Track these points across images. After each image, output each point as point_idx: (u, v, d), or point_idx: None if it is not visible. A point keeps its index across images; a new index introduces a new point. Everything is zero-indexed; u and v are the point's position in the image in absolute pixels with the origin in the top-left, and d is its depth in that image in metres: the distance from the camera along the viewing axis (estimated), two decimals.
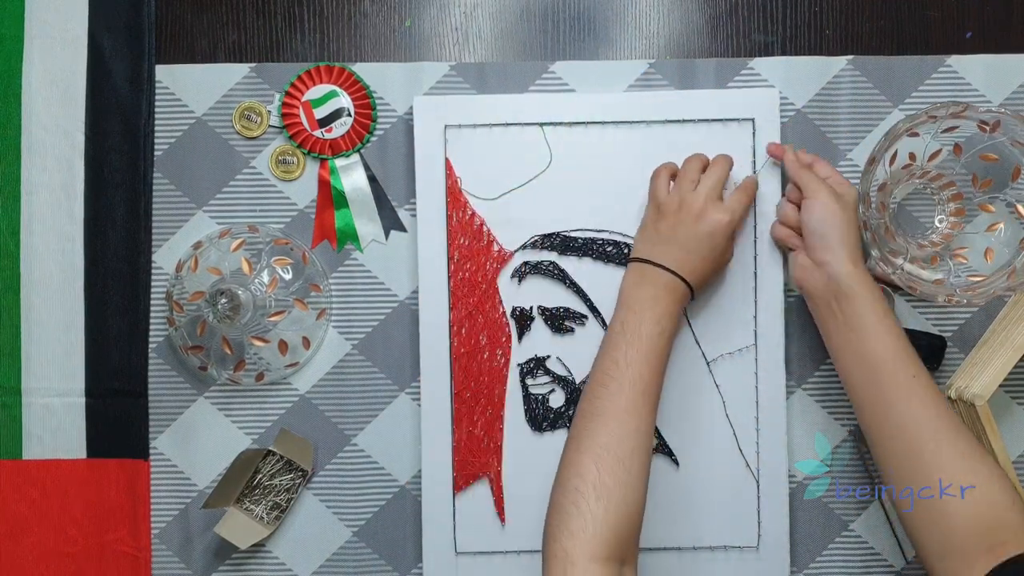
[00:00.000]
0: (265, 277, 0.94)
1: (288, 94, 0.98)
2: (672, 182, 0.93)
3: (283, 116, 0.98)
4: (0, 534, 0.98)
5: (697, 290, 0.91)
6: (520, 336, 0.97)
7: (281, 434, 0.97)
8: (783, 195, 0.96)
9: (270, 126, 0.99)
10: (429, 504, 0.96)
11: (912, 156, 0.94)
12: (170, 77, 0.99)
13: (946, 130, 0.92)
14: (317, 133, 0.98)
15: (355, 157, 0.99)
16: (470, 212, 0.97)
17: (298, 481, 0.97)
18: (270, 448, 0.98)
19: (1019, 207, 0.94)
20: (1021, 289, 0.91)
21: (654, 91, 0.98)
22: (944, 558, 0.79)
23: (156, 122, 0.99)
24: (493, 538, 0.96)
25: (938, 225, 0.97)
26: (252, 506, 0.98)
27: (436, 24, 1.00)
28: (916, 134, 0.91)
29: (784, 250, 0.96)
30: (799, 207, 0.91)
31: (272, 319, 0.94)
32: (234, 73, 0.99)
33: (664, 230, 0.90)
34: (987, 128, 0.91)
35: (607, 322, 0.96)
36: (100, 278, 0.98)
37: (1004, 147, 0.93)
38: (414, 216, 0.98)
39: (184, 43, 1.00)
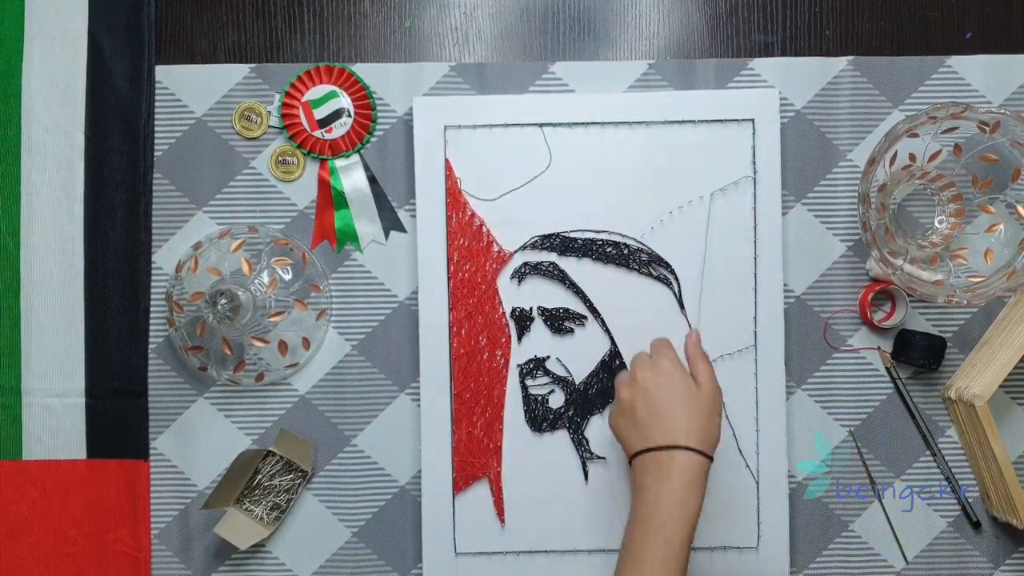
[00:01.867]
0: (265, 278, 0.94)
1: (288, 94, 0.98)
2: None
3: (283, 117, 0.98)
4: (0, 534, 0.98)
5: (709, 450, 0.83)
6: (520, 337, 0.97)
7: (281, 435, 0.97)
8: (781, 195, 0.96)
9: (270, 126, 0.99)
10: (429, 505, 0.96)
11: (912, 157, 0.94)
12: (170, 77, 0.99)
13: (946, 131, 0.92)
14: (317, 134, 0.98)
15: (355, 157, 0.99)
16: (470, 213, 0.96)
17: (298, 482, 0.97)
18: (270, 449, 0.98)
19: (1019, 208, 0.94)
20: (1021, 290, 0.91)
21: (654, 92, 0.98)
22: None
23: (156, 122, 0.99)
24: (493, 539, 0.96)
25: (938, 226, 0.97)
26: (252, 506, 0.98)
27: (436, 24, 1.00)
28: (916, 135, 0.91)
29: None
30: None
31: (272, 320, 0.94)
32: (234, 73, 0.99)
33: (637, 408, 0.84)
34: (987, 129, 0.91)
35: (607, 322, 0.96)
36: (100, 278, 0.98)
37: (1004, 148, 0.93)
38: (414, 217, 0.98)
39: (184, 43, 1.00)
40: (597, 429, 0.97)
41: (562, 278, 0.97)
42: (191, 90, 0.99)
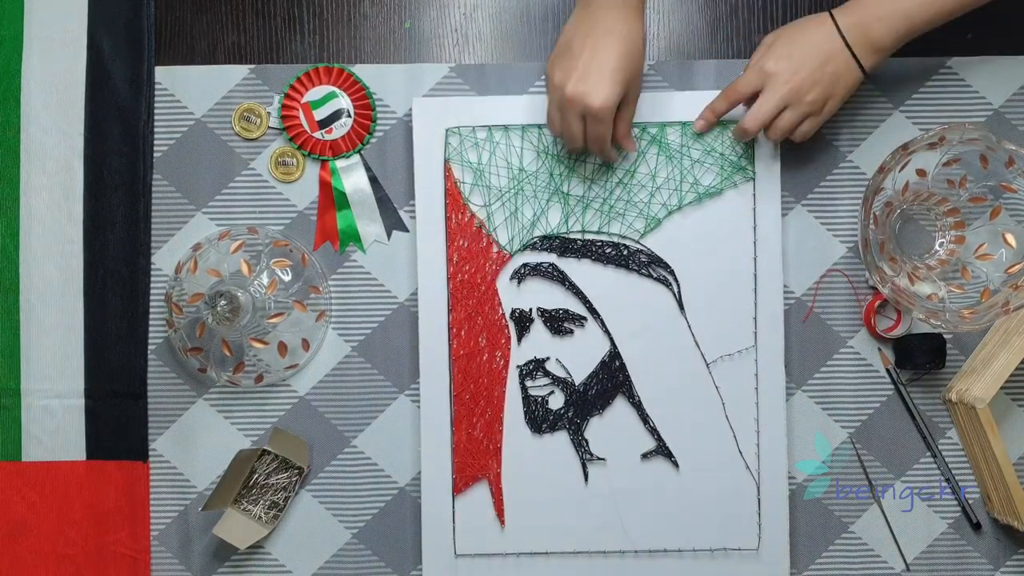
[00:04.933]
0: (264, 279, 0.94)
1: (288, 95, 0.98)
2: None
3: (283, 118, 0.98)
4: None
5: None
6: (519, 338, 0.97)
7: (275, 433, 0.97)
8: (781, 196, 0.96)
9: (269, 127, 0.99)
10: (429, 506, 0.96)
11: (921, 172, 0.94)
12: (169, 78, 0.99)
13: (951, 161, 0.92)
14: (317, 135, 0.98)
15: (355, 158, 0.98)
16: (469, 214, 0.96)
17: (294, 479, 0.97)
18: (265, 448, 0.97)
19: (1006, 235, 0.94)
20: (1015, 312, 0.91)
21: (654, 92, 0.98)
22: None
23: (155, 124, 0.99)
24: (493, 540, 0.96)
25: (938, 249, 0.97)
26: (250, 506, 0.98)
27: (436, 25, 1.00)
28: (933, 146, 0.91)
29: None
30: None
31: (271, 321, 0.94)
32: (234, 74, 0.99)
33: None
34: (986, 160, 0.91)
35: (606, 324, 0.96)
36: (99, 280, 0.98)
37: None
38: (413, 218, 0.98)
39: (184, 44, 1.00)
40: (597, 430, 0.96)
41: (562, 279, 0.97)
42: (190, 91, 0.99)
